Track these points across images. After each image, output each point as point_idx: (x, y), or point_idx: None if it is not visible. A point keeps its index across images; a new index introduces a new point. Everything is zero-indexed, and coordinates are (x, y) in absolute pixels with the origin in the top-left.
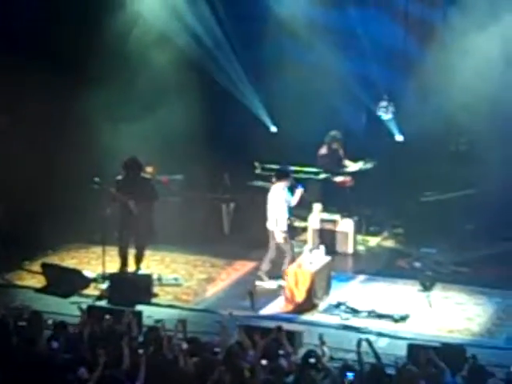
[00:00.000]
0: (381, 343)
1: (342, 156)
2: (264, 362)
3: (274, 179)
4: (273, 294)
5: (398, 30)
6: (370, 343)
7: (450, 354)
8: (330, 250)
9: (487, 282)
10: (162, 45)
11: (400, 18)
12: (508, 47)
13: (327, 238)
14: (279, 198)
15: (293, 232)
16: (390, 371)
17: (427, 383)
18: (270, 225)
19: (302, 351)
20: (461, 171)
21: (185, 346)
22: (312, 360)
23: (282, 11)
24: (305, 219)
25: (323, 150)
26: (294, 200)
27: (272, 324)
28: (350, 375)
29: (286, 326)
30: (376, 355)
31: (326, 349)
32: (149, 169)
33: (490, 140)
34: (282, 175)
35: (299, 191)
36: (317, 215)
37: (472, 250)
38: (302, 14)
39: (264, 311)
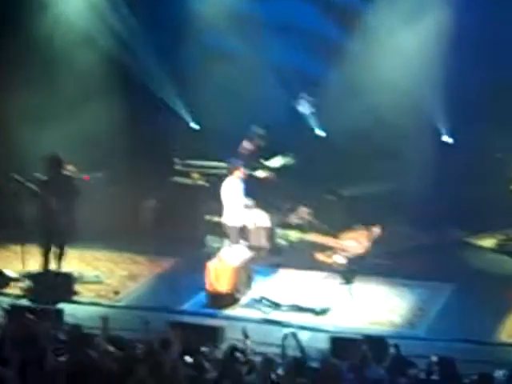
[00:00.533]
0: (302, 336)
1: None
2: (188, 358)
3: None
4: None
5: (322, 20)
6: (295, 337)
7: (372, 345)
8: (251, 245)
9: (409, 274)
10: (86, 45)
11: (323, 7)
12: (427, 44)
13: (248, 232)
14: (233, 192)
15: (215, 227)
16: (314, 364)
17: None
18: (227, 220)
19: (224, 346)
20: (382, 166)
21: (106, 343)
22: (236, 354)
23: (204, 8)
24: None
25: (247, 146)
26: None
27: (194, 319)
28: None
29: (208, 322)
30: (301, 349)
31: (249, 342)
32: (69, 167)
33: (411, 136)
34: (231, 169)
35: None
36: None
37: (393, 242)
38: (223, 6)
39: (186, 307)
